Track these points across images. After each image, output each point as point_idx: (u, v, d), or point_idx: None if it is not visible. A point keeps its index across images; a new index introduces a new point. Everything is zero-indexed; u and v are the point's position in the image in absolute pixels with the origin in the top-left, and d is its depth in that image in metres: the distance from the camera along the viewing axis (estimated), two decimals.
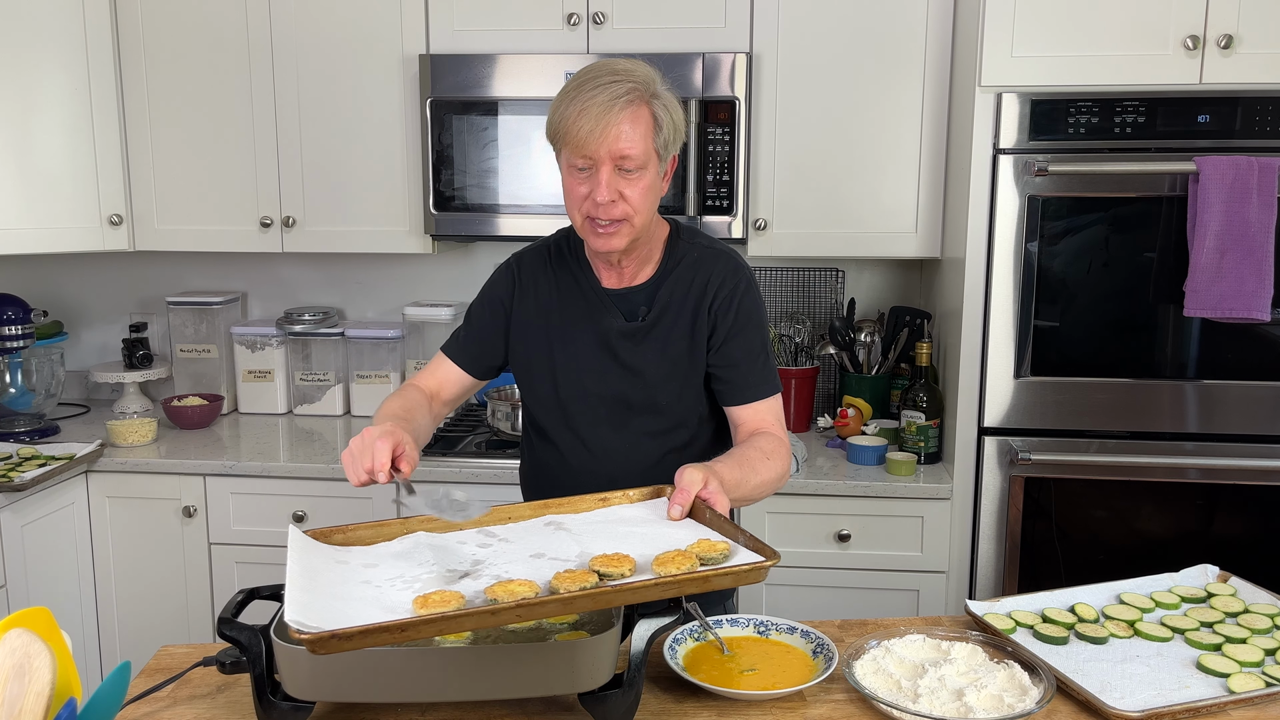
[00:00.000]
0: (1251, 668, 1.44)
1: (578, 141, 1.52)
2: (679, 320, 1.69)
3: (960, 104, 2.51)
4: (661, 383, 1.70)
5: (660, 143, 1.57)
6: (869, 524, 2.49)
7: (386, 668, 1.25)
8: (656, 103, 1.56)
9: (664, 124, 1.56)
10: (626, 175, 1.55)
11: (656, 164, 1.59)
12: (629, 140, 1.52)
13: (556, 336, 1.72)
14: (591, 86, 1.52)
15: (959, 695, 1.33)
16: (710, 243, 1.75)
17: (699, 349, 1.70)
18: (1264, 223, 2.23)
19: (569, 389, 1.72)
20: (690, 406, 1.72)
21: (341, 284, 3.23)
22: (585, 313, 1.71)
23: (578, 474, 1.72)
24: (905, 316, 2.86)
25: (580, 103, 1.51)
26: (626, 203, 1.56)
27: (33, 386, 2.89)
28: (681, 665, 1.43)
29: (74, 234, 2.78)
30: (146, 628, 2.69)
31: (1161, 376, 2.38)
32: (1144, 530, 2.44)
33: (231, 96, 2.79)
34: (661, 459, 1.71)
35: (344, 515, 2.59)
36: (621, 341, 1.69)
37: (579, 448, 1.73)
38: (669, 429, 1.72)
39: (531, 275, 1.76)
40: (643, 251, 1.69)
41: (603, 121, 1.50)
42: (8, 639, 0.95)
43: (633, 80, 1.53)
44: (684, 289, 1.69)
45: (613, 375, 1.70)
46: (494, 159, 2.65)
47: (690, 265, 1.70)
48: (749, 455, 1.60)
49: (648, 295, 1.70)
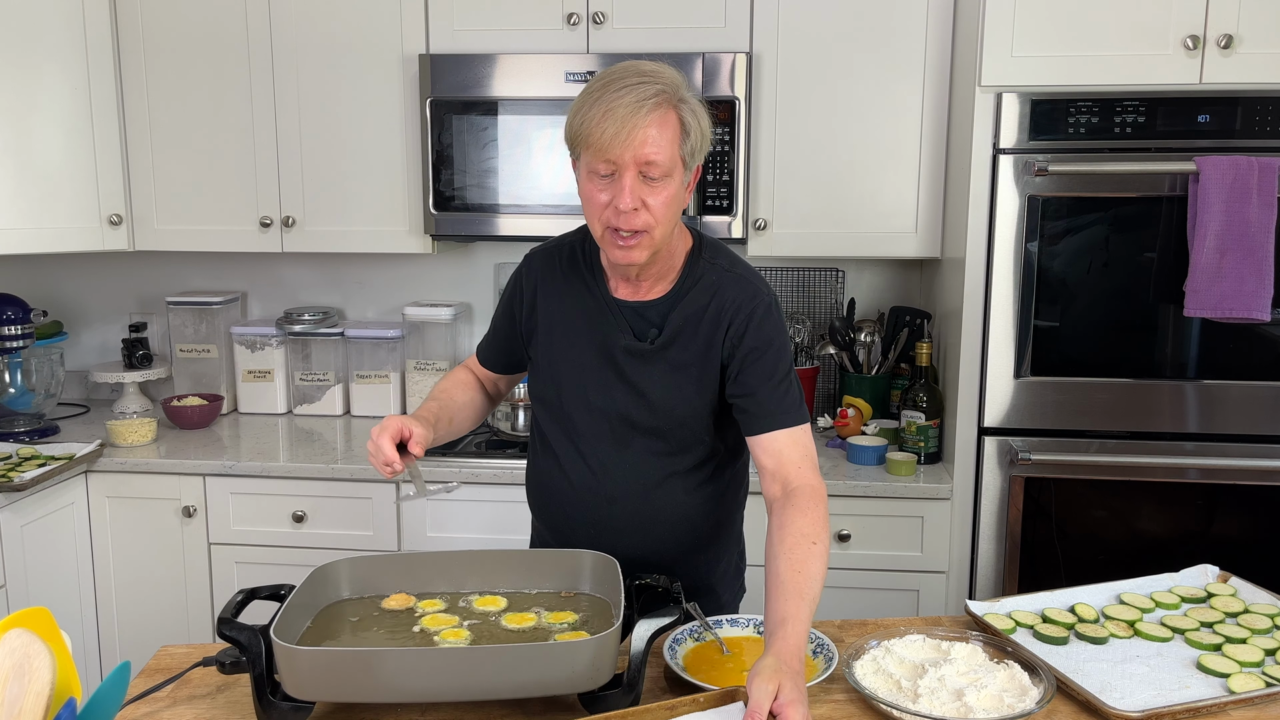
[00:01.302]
0: (1251, 668, 1.44)
1: (601, 145, 1.43)
2: (690, 345, 1.60)
3: (960, 104, 2.51)
4: (667, 406, 1.62)
5: (687, 150, 1.48)
6: (869, 524, 2.49)
7: (386, 668, 1.25)
8: (684, 107, 1.47)
9: (692, 130, 1.48)
10: (650, 183, 1.46)
11: (681, 173, 1.50)
12: (655, 146, 1.44)
13: (563, 343, 1.66)
14: (618, 87, 1.44)
15: (959, 695, 1.33)
16: (731, 265, 1.64)
17: (710, 376, 1.61)
18: (1264, 223, 2.22)
19: (573, 400, 1.66)
20: (695, 433, 1.65)
21: (341, 284, 3.23)
22: (595, 323, 1.63)
23: (578, 490, 1.67)
24: (905, 316, 2.86)
25: (605, 104, 1.43)
26: (649, 212, 1.47)
27: (32, 386, 2.88)
28: (682, 665, 1.43)
29: (74, 234, 2.77)
30: (146, 628, 2.69)
31: (1162, 376, 2.38)
32: (1144, 530, 2.44)
33: (231, 96, 2.79)
34: (664, 481, 1.65)
35: (344, 515, 2.59)
36: (628, 359, 1.62)
37: (579, 463, 1.67)
38: (673, 451, 1.65)
39: (541, 277, 1.69)
40: (662, 265, 1.60)
41: (629, 124, 1.42)
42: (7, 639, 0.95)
43: (660, 82, 1.45)
44: (698, 313, 1.60)
45: (618, 392, 1.63)
46: (494, 159, 2.65)
47: (707, 289, 1.61)
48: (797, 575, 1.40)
49: (660, 313, 1.61)
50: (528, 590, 1.55)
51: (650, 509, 1.66)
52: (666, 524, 1.67)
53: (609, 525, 1.66)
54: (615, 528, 1.66)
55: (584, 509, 1.68)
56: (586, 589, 1.55)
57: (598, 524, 1.67)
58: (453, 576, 1.56)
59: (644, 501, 1.66)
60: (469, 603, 1.52)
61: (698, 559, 1.73)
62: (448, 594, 1.54)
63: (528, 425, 2.70)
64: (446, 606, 1.50)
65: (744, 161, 2.62)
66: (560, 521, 1.72)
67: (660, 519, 1.67)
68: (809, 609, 1.38)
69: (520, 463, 2.55)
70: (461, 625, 1.45)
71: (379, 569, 1.56)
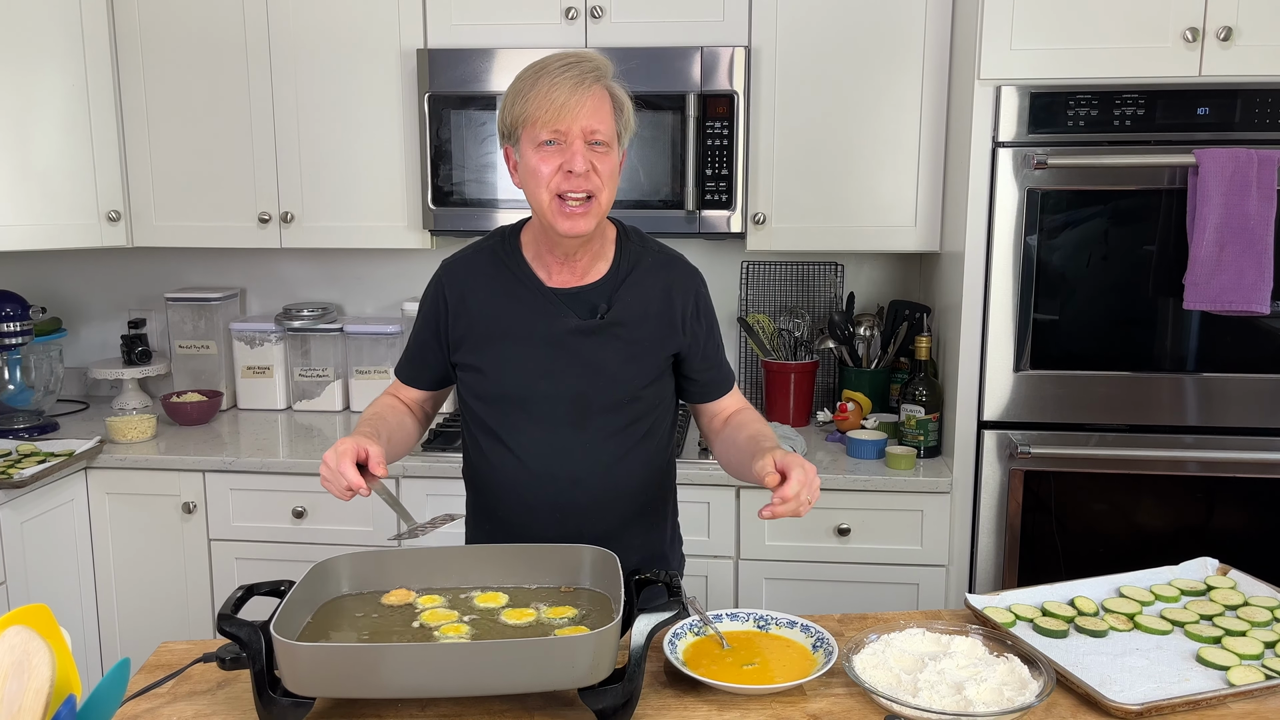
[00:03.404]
0: (1251, 660, 1.44)
1: (548, 118, 1.53)
2: (643, 322, 1.69)
3: (959, 97, 2.51)
4: (624, 378, 1.68)
5: (622, 123, 1.61)
6: (868, 518, 2.49)
7: (386, 664, 1.25)
8: (615, 85, 1.61)
9: (624, 107, 1.61)
10: (596, 150, 1.57)
11: (618, 146, 1.62)
12: (600, 116, 1.56)
13: (502, 340, 1.68)
14: (556, 67, 1.56)
15: (959, 689, 1.33)
16: (660, 247, 1.77)
17: (664, 349, 1.71)
18: (1263, 215, 2.22)
19: (522, 391, 1.68)
20: (650, 403, 1.72)
21: (340, 280, 3.22)
22: (533, 314, 1.68)
23: (538, 476, 1.69)
24: (904, 310, 2.85)
25: (549, 80, 1.54)
26: (598, 175, 1.57)
27: (32, 383, 2.88)
28: (681, 660, 1.43)
29: (72, 230, 2.77)
30: (146, 624, 2.70)
31: (1161, 370, 2.38)
32: (1143, 523, 2.44)
33: (229, 92, 2.78)
34: (626, 455, 1.71)
35: (343, 512, 2.59)
36: (579, 339, 1.66)
37: (537, 449, 1.69)
38: (629, 423, 1.70)
39: (464, 285, 1.72)
40: (596, 245, 1.69)
41: (574, 96, 1.53)
42: (7, 636, 0.95)
43: (591, 63, 1.58)
44: (645, 292, 1.70)
45: (571, 374, 1.66)
46: (492, 154, 2.65)
47: (648, 270, 1.71)
48: (765, 432, 1.67)
49: (602, 295, 1.68)
50: (528, 585, 1.55)
51: (613, 484, 1.71)
52: (628, 497, 1.73)
53: (573, 507, 1.69)
54: (579, 508, 1.69)
55: (546, 495, 1.69)
56: (586, 584, 1.55)
57: (562, 508, 1.69)
58: (453, 572, 1.56)
59: (606, 478, 1.70)
60: (469, 598, 1.52)
61: (655, 529, 1.81)
62: (448, 589, 1.54)
63: None
64: (446, 602, 1.50)
65: (743, 156, 2.62)
66: (520, 513, 1.72)
67: (623, 493, 1.72)
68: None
69: None
70: (461, 621, 1.45)
71: (379, 565, 1.56)
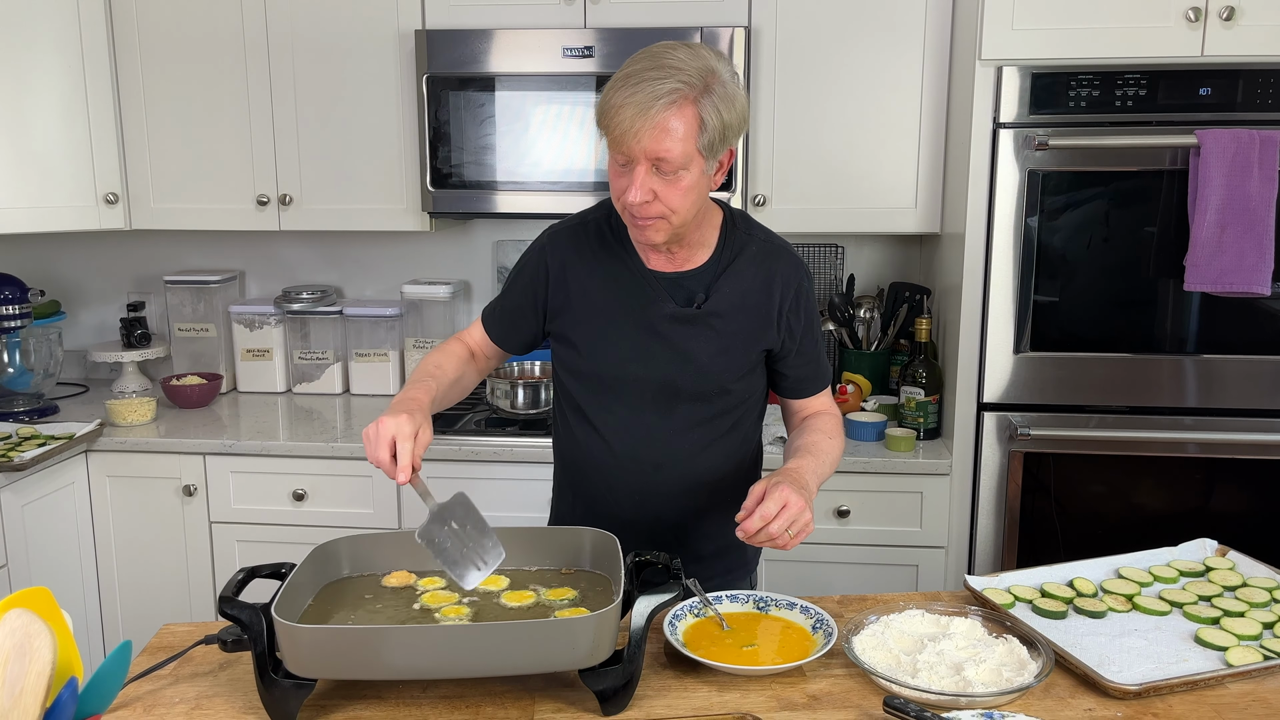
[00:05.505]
0: (1249, 641, 1.45)
1: (616, 136, 1.46)
2: (740, 313, 1.65)
3: (960, 78, 2.50)
4: (714, 370, 1.66)
5: (704, 143, 1.47)
6: (868, 500, 2.49)
7: (387, 646, 1.25)
8: (705, 101, 1.45)
9: (710, 125, 1.46)
10: (663, 176, 1.48)
11: (701, 163, 1.49)
12: (667, 143, 1.44)
13: (600, 319, 1.67)
14: (637, 79, 1.44)
15: (958, 669, 1.34)
16: (767, 235, 1.71)
17: (758, 344, 1.68)
18: (1265, 196, 2.21)
19: (613, 372, 1.67)
20: (740, 396, 1.70)
21: (339, 262, 3.22)
22: (632, 296, 1.65)
23: (620, 458, 1.70)
24: (905, 292, 2.85)
25: (623, 94, 1.44)
26: (662, 202, 1.49)
27: (31, 366, 2.88)
28: (681, 641, 1.44)
29: (70, 213, 2.76)
30: (148, 606, 2.70)
31: (1161, 351, 2.38)
32: (1143, 505, 2.44)
33: (227, 73, 2.77)
34: (709, 445, 1.70)
35: (344, 494, 2.59)
36: (674, 326, 1.64)
37: (622, 431, 1.69)
38: (716, 415, 1.69)
39: (569, 255, 1.70)
40: (693, 238, 1.63)
41: (639, 121, 1.42)
42: (8, 619, 0.96)
43: (681, 78, 1.43)
44: (746, 283, 1.66)
45: (661, 359, 1.65)
46: (491, 135, 2.63)
47: (751, 259, 1.66)
48: (815, 443, 1.66)
49: (701, 282, 1.65)
50: (528, 567, 1.56)
51: (694, 473, 1.71)
52: (709, 486, 1.72)
53: (655, 492, 1.70)
54: (661, 494, 1.71)
55: (628, 477, 1.71)
56: (586, 566, 1.55)
57: (643, 491, 1.71)
58: None
59: (689, 466, 1.70)
60: None
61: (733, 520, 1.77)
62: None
63: (527, 403, 2.70)
64: (447, 584, 1.51)
65: (743, 137, 2.60)
66: (602, 492, 1.74)
67: (704, 481, 1.72)
68: (821, 465, 1.62)
69: (521, 440, 2.55)
70: (461, 602, 1.45)
71: (379, 547, 1.56)
